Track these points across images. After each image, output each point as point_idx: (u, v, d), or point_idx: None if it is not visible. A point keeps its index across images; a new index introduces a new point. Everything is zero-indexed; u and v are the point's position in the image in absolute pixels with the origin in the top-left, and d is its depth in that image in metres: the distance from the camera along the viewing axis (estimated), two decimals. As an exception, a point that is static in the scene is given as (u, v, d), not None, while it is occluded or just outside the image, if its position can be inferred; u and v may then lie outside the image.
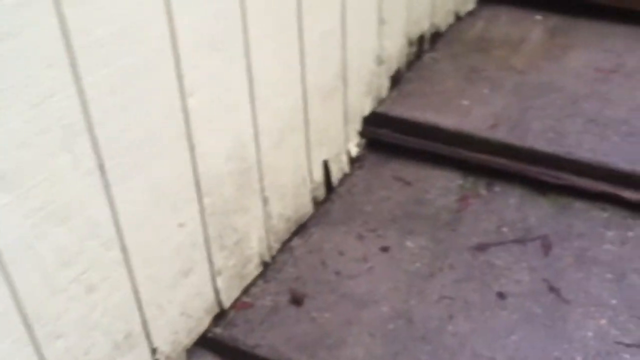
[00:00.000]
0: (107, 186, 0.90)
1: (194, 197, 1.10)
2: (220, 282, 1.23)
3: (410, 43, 1.83)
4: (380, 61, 1.66)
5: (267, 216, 1.34)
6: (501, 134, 1.63)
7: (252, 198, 1.27)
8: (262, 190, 1.30)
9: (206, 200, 1.13)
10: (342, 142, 1.59)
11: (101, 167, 0.89)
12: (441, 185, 1.63)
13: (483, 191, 1.59)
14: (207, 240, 1.16)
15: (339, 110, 1.53)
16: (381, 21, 1.61)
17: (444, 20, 2.02)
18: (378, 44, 1.63)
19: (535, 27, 2.07)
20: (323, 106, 1.44)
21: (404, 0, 1.71)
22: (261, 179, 1.28)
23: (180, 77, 1.00)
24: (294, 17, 1.25)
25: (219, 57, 1.07)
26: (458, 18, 2.11)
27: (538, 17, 2.12)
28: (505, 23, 2.11)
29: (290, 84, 1.30)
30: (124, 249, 0.96)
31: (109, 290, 0.94)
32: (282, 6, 1.20)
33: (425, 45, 1.94)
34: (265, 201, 1.31)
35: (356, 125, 1.65)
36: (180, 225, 1.08)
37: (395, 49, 1.74)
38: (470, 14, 2.17)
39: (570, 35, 2.01)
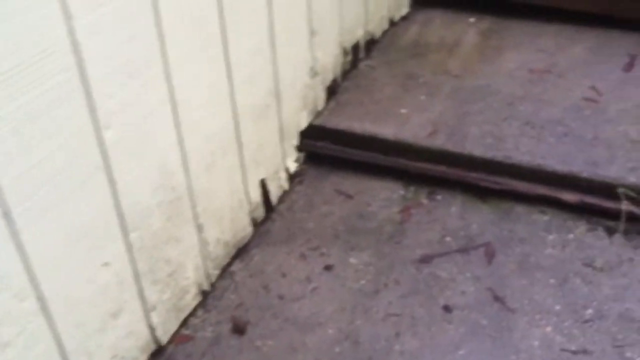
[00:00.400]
0: (14, 234, 0.83)
1: (119, 233, 1.04)
2: (155, 317, 1.17)
3: (345, 52, 1.80)
4: (314, 73, 1.62)
5: (204, 243, 1.28)
6: (440, 141, 1.62)
7: (186, 227, 1.21)
8: (196, 217, 1.24)
9: (133, 235, 1.07)
10: (279, 159, 1.54)
11: (6, 215, 0.82)
12: (383, 197, 1.60)
13: (425, 200, 1.58)
14: (137, 277, 1.10)
15: (274, 126, 1.49)
16: (312, 33, 1.57)
17: (378, 26, 1.99)
18: (311, 56, 1.59)
19: (469, 29, 2.07)
20: (256, 124, 1.40)
21: (336, 10, 1.68)
22: (194, 206, 1.23)
23: (93, 110, 0.93)
24: (217, 35, 1.19)
25: (137, 84, 1.01)
26: (392, 24, 2.10)
27: (471, 19, 2.12)
28: (440, 26, 2.11)
29: (219, 104, 1.25)
30: (40, 298, 0.90)
31: (25, 345, 0.87)
32: (203, 25, 1.15)
33: (360, 53, 1.91)
34: (200, 228, 1.26)
35: (293, 141, 1.61)
36: (105, 264, 1.02)
37: (330, 60, 1.71)
38: (405, 18, 2.16)
39: (504, 36, 2.02)
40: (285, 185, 1.60)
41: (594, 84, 1.75)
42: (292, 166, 1.62)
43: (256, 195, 1.46)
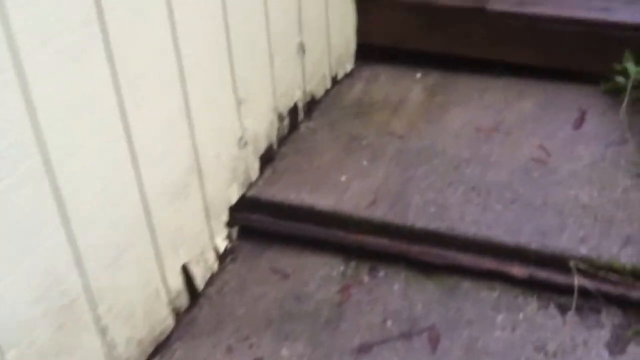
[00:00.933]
0: None
1: (-10, 355, 0.90)
2: None
3: (281, 117, 1.69)
4: (243, 143, 1.51)
5: (110, 347, 1.14)
6: (381, 212, 1.51)
7: (84, 333, 1.07)
8: (98, 319, 1.10)
9: (11, 354, 0.93)
10: (205, 239, 1.42)
11: None
12: (322, 274, 1.48)
13: (366, 277, 1.45)
14: (19, 400, 0.95)
15: (197, 205, 1.36)
16: (239, 101, 1.46)
17: (319, 85, 1.90)
18: (239, 125, 1.48)
19: (415, 85, 1.99)
20: (173, 206, 1.27)
21: (266, 75, 1.58)
22: (94, 308, 1.09)
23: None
24: (115, 115, 1.08)
25: (6, 183, 0.89)
26: (335, 81, 2.01)
27: (418, 74, 2.04)
28: (385, 83, 2.02)
29: (121, 191, 1.12)
30: None
31: None
32: (96, 103, 1.04)
33: (300, 116, 1.81)
34: (103, 331, 1.12)
35: (222, 217, 1.48)
36: (-28, 394, 0.88)
37: (263, 127, 1.60)
38: (349, 75, 2.07)
39: (450, 92, 1.93)
40: (214, 266, 1.47)
41: (543, 143, 1.67)
42: (222, 245, 1.49)
43: (177, 282, 1.33)
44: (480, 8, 1.89)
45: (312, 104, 1.88)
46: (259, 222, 1.57)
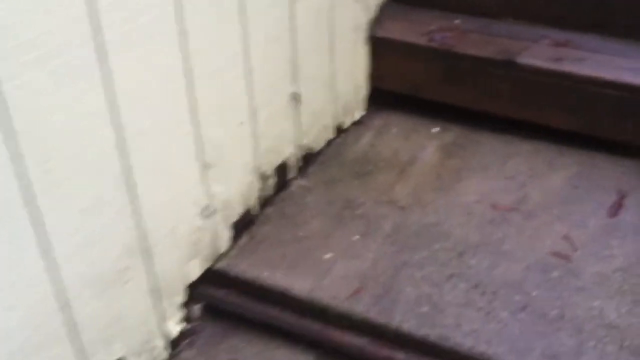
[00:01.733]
0: None
1: None
2: None
3: (264, 176, 1.48)
4: (209, 212, 1.30)
5: None
6: (363, 306, 1.28)
7: None
8: None
9: None
10: (152, 326, 1.22)
11: None
12: (287, 374, 1.26)
13: (338, 386, 1.23)
14: None
15: (141, 289, 1.16)
16: (206, 165, 1.26)
17: (319, 137, 1.68)
18: (204, 192, 1.28)
19: (430, 142, 1.74)
20: (105, 296, 1.07)
21: (246, 132, 1.37)
22: None
23: None
24: (19, 204, 0.89)
25: None
26: (341, 130, 1.78)
27: (435, 129, 1.80)
28: (397, 136, 1.78)
29: (29, 284, 0.93)
30: None
31: None
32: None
33: (291, 173, 1.59)
34: None
35: (177, 298, 1.28)
36: None
37: (238, 190, 1.39)
38: (358, 123, 1.84)
39: (468, 154, 1.68)
40: (164, 354, 1.26)
41: (569, 232, 1.40)
42: (176, 329, 1.28)
43: (108, 381, 1.13)
44: (510, 61, 1.64)
45: (309, 157, 1.66)
46: (224, 302, 1.36)
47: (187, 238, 1.25)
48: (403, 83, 1.83)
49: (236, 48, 1.27)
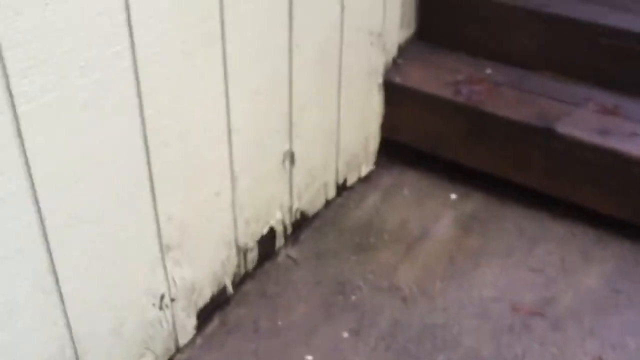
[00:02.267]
0: None
1: None
2: None
3: (244, 250, 1.25)
4: (167, 302, 1.07)
5: None
6: None
7: None
8: None
9: None
10: None
11: None
12: None
13: None
14: None
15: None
16: (166, 248, 1.03)
17: (315, 199, 1.44)
18: (162, 279, 1.05)
19: (446, 212, 1.50)
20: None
21: (224, 204, 1.14)
22: None
23: None
24: None
25: None
26: (343, 188, 1.54)
27: (453, 195, 1.55)
28: (408, 201, 1.54)
29: None
30: None
31: None
32: None
33: (278, 242, 1.36)
34: None
35: (119, 405, 1.05)
36: None
37: (208, 270, 1.16)
38: (365, 180, 1.60)
39: (490, 233, 1.43)
40: None
41: (604, 354, 1.15)
42: None
43: None
44: (549, 129, 1.39)
45: (302, 222, 1.43)
46: (179, 405, 1.14)
47: (135, 336, 1.03)
48: (421, 137, 1.59)
49: (216, 104, 1.04)
